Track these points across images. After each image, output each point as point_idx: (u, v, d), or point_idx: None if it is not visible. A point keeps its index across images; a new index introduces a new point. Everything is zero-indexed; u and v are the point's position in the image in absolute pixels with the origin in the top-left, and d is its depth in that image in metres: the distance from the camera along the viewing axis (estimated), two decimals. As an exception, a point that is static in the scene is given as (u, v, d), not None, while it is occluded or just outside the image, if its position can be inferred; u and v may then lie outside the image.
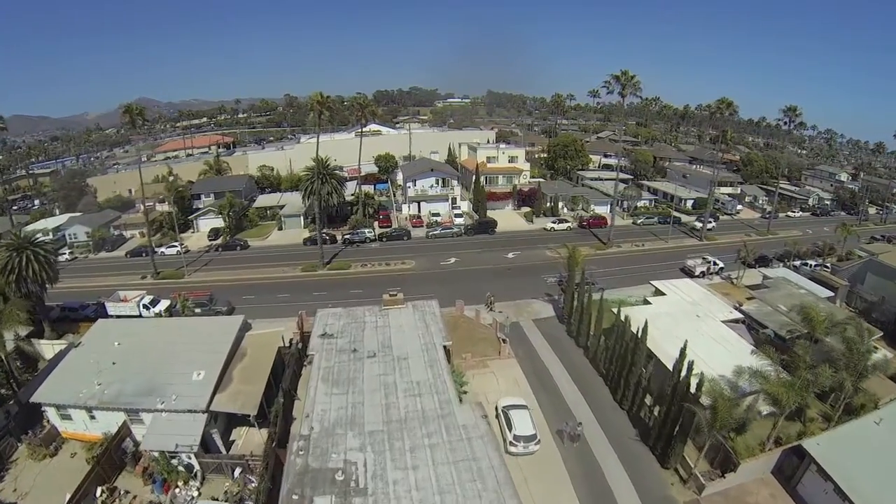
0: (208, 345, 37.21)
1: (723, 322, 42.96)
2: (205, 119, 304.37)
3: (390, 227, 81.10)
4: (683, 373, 30.57)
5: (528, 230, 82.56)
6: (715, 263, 63.06)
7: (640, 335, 35.43)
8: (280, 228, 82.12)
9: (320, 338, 38.35)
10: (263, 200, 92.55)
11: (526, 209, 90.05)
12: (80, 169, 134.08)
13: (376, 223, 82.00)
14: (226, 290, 57.79)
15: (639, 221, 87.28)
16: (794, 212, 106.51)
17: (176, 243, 74.97)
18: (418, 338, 37.87)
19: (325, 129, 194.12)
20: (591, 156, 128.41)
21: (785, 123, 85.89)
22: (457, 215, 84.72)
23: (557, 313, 51.35)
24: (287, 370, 38.50)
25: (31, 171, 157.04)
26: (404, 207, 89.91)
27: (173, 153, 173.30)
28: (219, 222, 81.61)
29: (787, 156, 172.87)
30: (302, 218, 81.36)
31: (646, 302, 47.07)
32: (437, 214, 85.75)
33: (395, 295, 42.33)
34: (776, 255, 69.98)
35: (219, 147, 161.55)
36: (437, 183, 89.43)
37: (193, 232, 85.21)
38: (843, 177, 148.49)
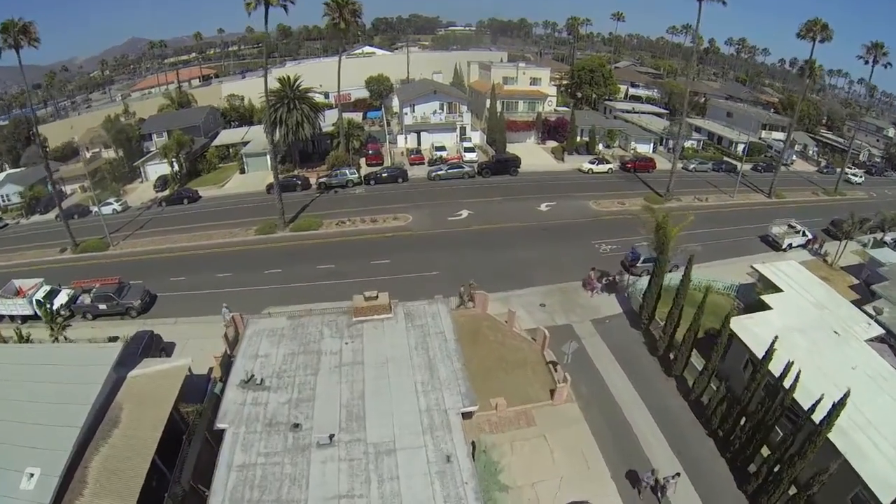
0: (57, 406, 18.83)
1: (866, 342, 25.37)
2: (193, 54, 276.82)
3: (381, 165, 59.89)
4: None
5: (559, 171, 61.20)
6: (804, 234, 43.56)
7: (809, 411, 18.23)
8: (242, 171, 61.45)
9: (241, 389, 19.71)
10: (226, 137, 70.63)
11: (553, 143, 68.84)
12: (26, 116, 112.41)
13: (363, 160, 60.89)
14: (154, 266, 39.31)
15: (691, 167, 65.91)
16: (849, 168, 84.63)
17: (112, 200, 55.57)
18: (415, 392, 19.11)
19: (316, 56, 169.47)
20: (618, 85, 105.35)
21: (866, 62, 63.28)
22: (467, 149, 62.94)
23: (624, 306, 32.54)
24: (188, 445, 20.73)
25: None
26: (400, 139, 68.10)
27: (149, 90, 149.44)
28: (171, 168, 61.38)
29: (829, 101, 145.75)
30: (269, 157, 60.46)
31: (761, 304, 28.30)
32: (442, 148, 63.84)
33: (374, 297, 23.20)
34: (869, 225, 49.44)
35: (191, 80, 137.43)
36: (442, 108, 66.65)
37: (142, 181, 64.94)
38: (892, 132, 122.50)
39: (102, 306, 32.71)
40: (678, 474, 20.15)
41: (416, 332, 22.09)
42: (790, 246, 42.91)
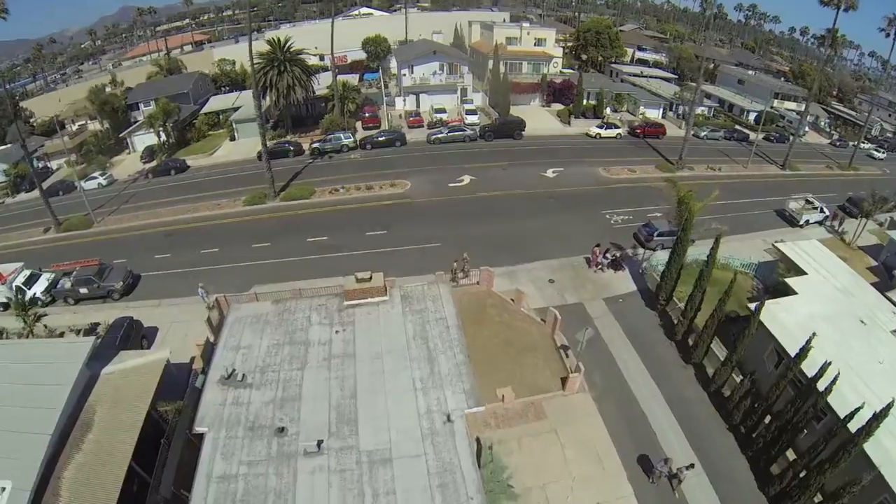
0: (27, 410, 16.94)
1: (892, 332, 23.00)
2: (187, 20, 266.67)
3: (378, 128, 55.85)
4: None
5: (565, 135, 57.17)
6: (822, 210, 40.37)
7: (846, 419, 16.55)
8: (232, 139, 57.53)
9: (221, 386, 17.42)
10: (215, 103, 66.37)
11: (558, 106, 64.73)
12: (10, 91, 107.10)
13: (360, 123, 56.86)
14: (139, 243, 36.38)
15: (702, 135, 61.77)
16: (862, 142, 79.97)
17: (97, 174, 52.28)
18: (413, 391, 16.61)
19: (312, 18, 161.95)
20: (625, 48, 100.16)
21: (887, 35, 58.35)
22: (469, 112, 58.71)
23: (639, 285, 29.79)
24: (167, 448, 18.65)
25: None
26: (398, 102, 63.75)
27: (140, 58, 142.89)
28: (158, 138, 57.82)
29: (840, 73, 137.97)
30: (258, 123, 56.77)
31: (784, 287, 25.83)
32: (443, 111, 59.50)
33: (368, 278, 20.54)
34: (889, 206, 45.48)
35: (184, 46, 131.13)
36: (442, 69, 62.32)
37: (129, 152, 61.17)
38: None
39: (83, 290, 30.12)
40: (692, 465, 18.48)
41: (415, 318, 19.50)
42: (807, 222, 39.94)
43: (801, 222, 39.83)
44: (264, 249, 33.17)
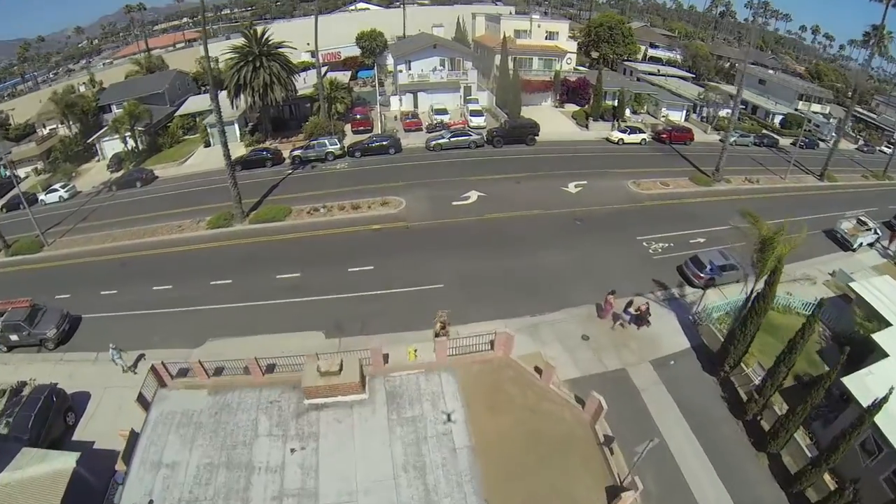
0: None
1: None
2: (185, 19, 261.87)
3: (370, 131, 49.19)
4: None
5: (583, 140, 50.40)
6: (875, 231, 34.49)
7: None
8: (207, 144, 50.98)
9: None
10: (192, 105, 59.88)
11: (572, 107, 58.20)
12: None
13: (349, 126, 50.05)
14: (87, 274, 30.35)
15: (731, 140, 54.64)
16: (888, 146, 72.30)
17: (58, 186, 46.29)
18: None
19: (309, 14, 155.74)
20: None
21: None
22: (473, 113, 51.86)
23: (692, 339, 23.41)
24: None
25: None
26: (394, 101, 57.18)
27: (131, 56, 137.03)
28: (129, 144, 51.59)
29: (857, 73, 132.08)
30: (237, 126, 50.28)
31: (866, 342, 20.57)
32: (444, 112, 52.83)
33: (336, 371, 14.24)
34: None
35: (176, 44, 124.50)
36: (443, 65, 55.46)
37: (98, 160, 55.13)
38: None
39: (13, 337, 24.47)
40: None
41: (406, 431, 13.27)
42: (860, 245, 34.17)
43: (855, 246, 33.92)
44: (224, 289, 26.77)
